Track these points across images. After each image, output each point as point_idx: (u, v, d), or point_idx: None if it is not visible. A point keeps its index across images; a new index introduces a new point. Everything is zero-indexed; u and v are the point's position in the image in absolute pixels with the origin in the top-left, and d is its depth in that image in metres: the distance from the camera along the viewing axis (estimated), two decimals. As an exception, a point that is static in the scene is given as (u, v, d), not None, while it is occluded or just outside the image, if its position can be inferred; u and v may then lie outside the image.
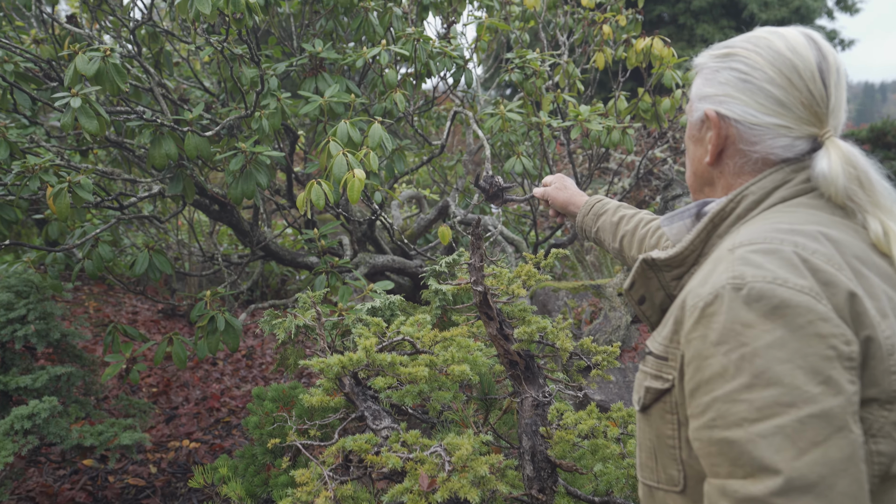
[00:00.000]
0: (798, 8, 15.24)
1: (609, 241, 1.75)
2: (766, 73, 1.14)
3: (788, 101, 1.13)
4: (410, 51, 3.54)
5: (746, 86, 1.15)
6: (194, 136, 3.11)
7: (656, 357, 1.14)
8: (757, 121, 1.14)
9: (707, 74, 1.22)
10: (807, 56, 1.14)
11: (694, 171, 1.29)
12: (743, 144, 1.17)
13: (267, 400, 2.78)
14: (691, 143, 1.28)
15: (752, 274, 0.98)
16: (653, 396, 1.14)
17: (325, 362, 1.61)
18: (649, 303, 1.24)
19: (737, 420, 0.93)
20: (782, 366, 0.92)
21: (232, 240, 6.81)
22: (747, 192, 1.14)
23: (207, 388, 5.15)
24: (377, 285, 3.06)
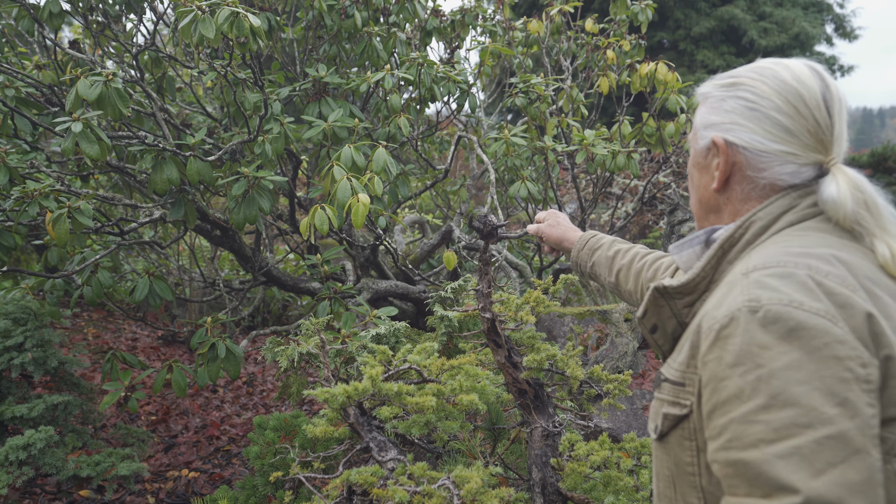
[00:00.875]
0: (797, 34, 15.33)
1: (605, 275, 1.73)
2: (773, 101, 1.16)
3: (795, 128, 1.15)
4: (415, 75, 3.52)
5: (754, 114, 1.17)
6: (196, 161, 3.08)
7: (673, 383, 1.15)
8: (765, 147, 1.16)
9: (712, 103, 1.24)
10: (811, 86, 1.16)
11: (699, 198, 1.29)
12: (750, 171, 1.18)
13: (269, 429, 2.71)
14: (696, 171, 1.28)
15: (769, 297, 0.99)
16: (671, 423, 1.14)
17: (330, 392, 1.56)
18: (661, 331, 1.24)
19: (753, 441, 0.93)
20: (799, 387, 0.92)
21: (233, 265, 6.77)
22: (755, 217, 1.16)
23: (207, 415, 5.08)
24: (381, 311, 3.01)
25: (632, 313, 3.87)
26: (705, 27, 15.27)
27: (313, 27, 4.27)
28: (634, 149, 3.97)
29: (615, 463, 1.71)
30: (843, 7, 17.40)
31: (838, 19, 17.39)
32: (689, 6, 15.70)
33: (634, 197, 6.58)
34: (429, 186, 4.22)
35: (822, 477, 0.88)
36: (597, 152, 3.78)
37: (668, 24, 15.63)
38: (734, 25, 15.31)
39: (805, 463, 0.89)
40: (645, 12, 4.84)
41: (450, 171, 4.04)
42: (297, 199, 3.99)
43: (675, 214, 4.21)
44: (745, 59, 15.55)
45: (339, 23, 3.83)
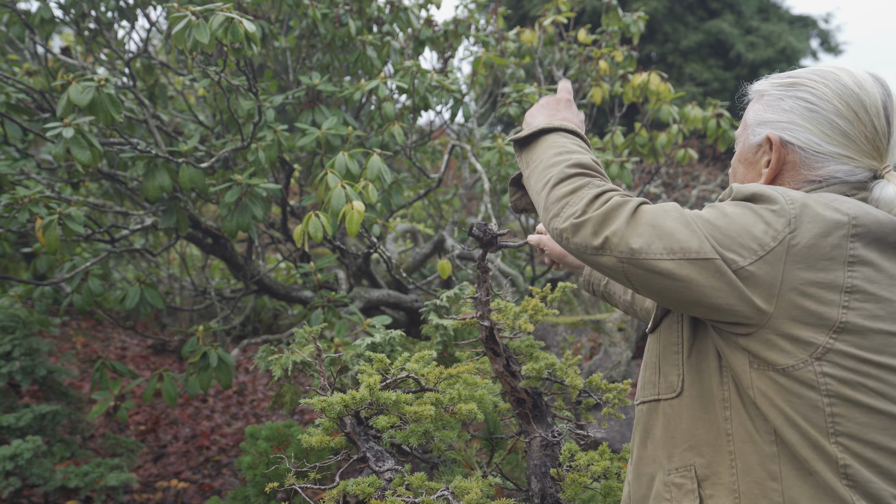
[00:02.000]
0: (784, 49, 15.47)
1: (619, 293, 1.71)
2: (834, 105, 1.18)
3: (854, 133, 1.17)
4: (409, 84, 3.52)
5: (813, 115, 1.20)
6: (189, 168, 3.06)
7: None
8: (821, 149, 1.19)
9: (769, 101, 1.26)
10: (873, 93, 1.19)
11: None
12: (804, 169, 1.21)
13: (261, 439, 2.68)
14: (742, 166, 1.31)
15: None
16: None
17: (327, 401, 1.53)
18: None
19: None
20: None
21: (224, 274, 6.73)
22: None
23: (197, 425, 5.02)
24: (375, 320, 2.99)
25: (625, 322, 3.86)
26: (693, 41, 15.40)
27: (306, 36, 4.26)
28: (627, 158, 3.98)
29: (615, 473, 1.69)
30: (828, 22, 17.60)
31: (823, 34, 17.58)
32: (678, 20, 15.83)
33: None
34: (422, 195, 4.21)
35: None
36: (590, 162, 3.77)
37: (656, 38, 15.74)
38: (722, 39, 15.44)
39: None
40: (637, 24, 4.86)
41: (443, 180, 4.03)
42: (290, 207, 3.97)
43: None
44: (733, 73, 15.70)
45: (333, 31, 3.82)
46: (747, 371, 1.11)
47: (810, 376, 1.06)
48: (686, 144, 4.43)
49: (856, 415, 1.06)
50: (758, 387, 1.10)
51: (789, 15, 16.91)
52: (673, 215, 1.09)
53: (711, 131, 4.18)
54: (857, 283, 1.07)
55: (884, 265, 1.09)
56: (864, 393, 1.07)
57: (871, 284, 1.08)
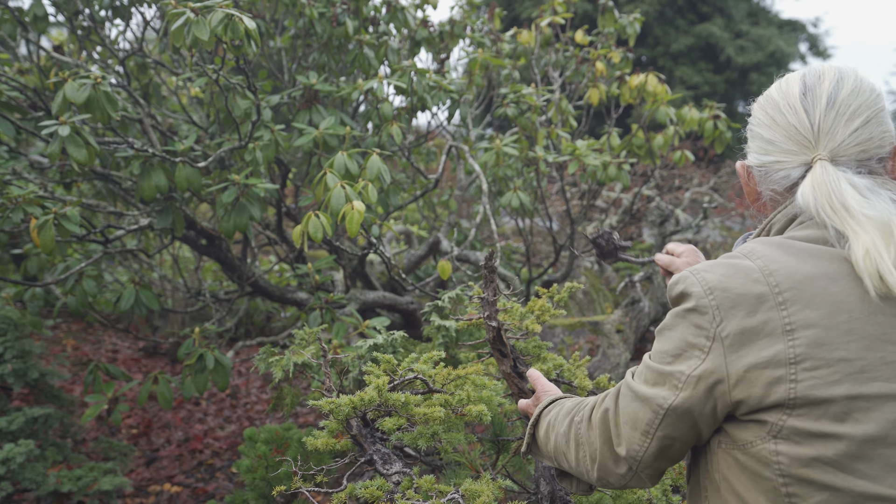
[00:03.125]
0: (773, 52, 15.56)
1: None
2: (758, 117, 1.26)
3: (773, 137, 1.21)
4: (407, 83, 3.49)
5: (750, 134, 1.28)
6: (186, 168, 3.02)
7: None
8: (759, 162, 1.24)
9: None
10: (790, 91, 1.21)
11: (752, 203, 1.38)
12: (762, 186, 1.26)
13: (260, 442, 2.65)
14: (745, 188, 1.38)
15: (693, 267, 1.17)
16: None
17: (335, 402, 1.50)
18: None
19: (637, 375, 1.22)
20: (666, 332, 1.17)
21: (216, 276, 6.67)
22: (775, 219, 1.23)
23: (190, 429, 4.97)
24: (375, 321, 2.96)
25: (623, 324, 3.85)
26: (684, 44, 15.46)
27: (302, 35, 4.23)
28: (625, 160, 3.97)
29: (625, 475, 1.67)
30: (817, 27, 17.73)
31: (812, 38, 17.70)
32: (668, 23, 15.90)
33: (618, 210, 6.60)
34: (418, 196, 4.18)
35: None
36: (589, 163, 3.76)
37: (647, 41, 15.80)
38: (712, 43, 15.51)
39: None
40: (633, 25, 4.86)
41: (439, 181, 4.01)
42: (287, 208, 3.93)
43: (665, 226, 4.21)
44: (723, 77, 15.78)
45: (331, 30, 3.79)
46: (715, 451, 1.13)
47: (765, 454, 1.04)
48: (679, 147, 4.43)
49: (813, 494, 1.01)
50: (721, 469, 1.11)
51: (778, 19, 17.02)
52: (622, 406, 1.19)
53: (709, 133, 4.18)
54: (802, 352, 1.01)
55: (833, 320, 1.02)
56: (821, 470, 1.00)
57: (818, 349, 1.01)
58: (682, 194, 7.58)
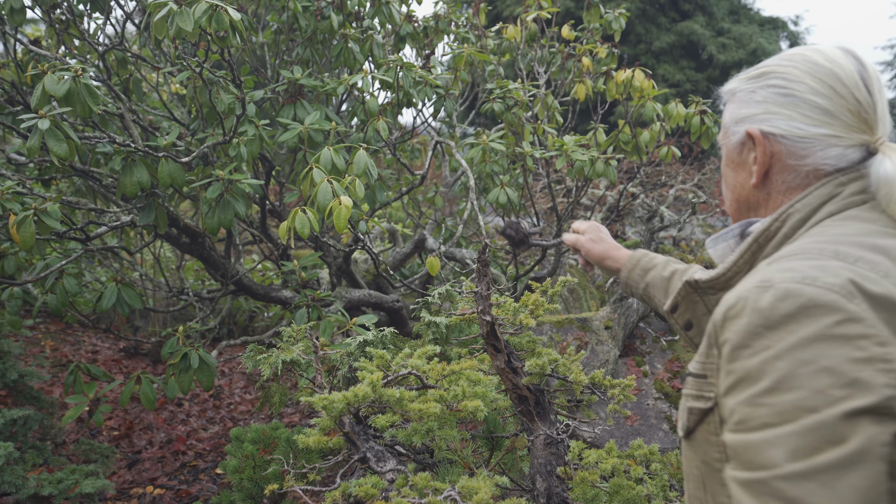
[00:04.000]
0: (755, 50, 15.66)
1: (660, 297, 1.62)
2: (808, 84, 1.11)
3: (835, 109, 1.09)
4: (393, 78, 3.45)
5: (789, 100, 1.12)
6: (169, 163, 2.96)
7: (695, 376, 1.08)
8: (804, 133, 1.10)
9: (742, 97, 1.19)
10: (846, 65, 1.11)
11: (737, 197, 1.23)
12: (792, 160, 1.12)
13: (247, 442, 2.60)
14: (730, 170, 1.23)
15: (781, 276, 0.93)
16: (696, 418, 1.08)
17: (329, 399, 1.46)
18: (697, 329, 1.20)
19: (758, 425, 0.88)
20: (804, 368, 0.86)
21: (198, 275, 6.59)
22: (792, 209, 1.09)
23: (172, 430, 4.89)
24: (363, 318, 2.92)
25: (612, 321, 3.83)
26: (666, 42, 15.52)
27: (285, 30, 4.17)
28: (613, 155, 3.95)
29: (623, 471, 1.64)
30: (797, 24, 17.88)
31: (793, 36, 17.84)
32: (650, 21, 15.95)
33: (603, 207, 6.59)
34: (404, 192, 4.14)
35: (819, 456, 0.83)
36: (577, 158, 3.74)
37: (629, 39, 15.84)
38: (694, 41, 15.59)
39: (804, 442, 0.84)
40: (618, 20, 4.84)
41: (426, 177, 3.97)
42: (272, 205, 3.88)
43: (652, 222, 4.20)
44: (704, 74, 15.85)
45: (315, 25, 3.74)
46: None
47: None
48: (665, 143, 4.42)
49: None
50: None
51: (760, 17, 17.14)
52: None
53: (695, 128, 4.17)
54: None
55: None
56: None
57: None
58: (666, 191, 7.59)
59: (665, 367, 3.79)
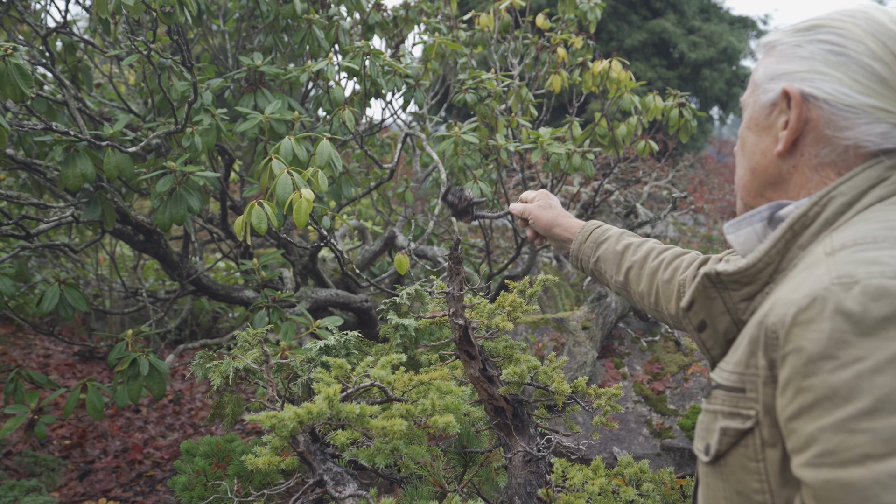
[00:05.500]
0: (725, 48, 15.69)
1: (611, 273, 1.47)
2: (867, 45, 0.94)
3: (893, 79, 0.92)
4: (360, 65, 3.25)
5: (840, 59, 0.95)
6: (115, 153, 2.74)
7: (728, 390, 0.91)
8: (851, 101, 0.93)
9: (784, 50, 1.01)
10: None
11: (753, 167, 1.05)
12: (830, 129, 0.95)
13: (198, 456, 2.39)
14: (752, 134, 1.05)
15: (867, 270, 0.77)
16: (731, 440, 0.90)
17: (278, 417, 1.27)
18: (711, 331, 1.01)
19: (856, 456, 0.71)
20: None
21: (159, 275, 6.33)
22: (836, 192, 0.93)
23: (129, 438, 4.64)
24: (326, 321, 2.72)
25: (589, 321, 3.68)
26: (637, 39, 15.48)
27: (246, 17, 3.96)
28: (589, 149, 3.80)
29: (612, 492, 1.47)
30: (767, 23, 17.97)
31: (762, 35, 17.92)
32: (622, 19, 15.91)
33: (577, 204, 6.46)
34: (373, 188, 3.95)
35: None
36: (553, 151, 3.58)
37: (601, 36, 15.78)
38: (665, 38, 15.57)
39: None
40: (594, 11, 4.69)
41: (395, 171, 3.78)
42: (232, 201, 3.66)
43: (629, 218, 4.06)
44: (676, 72, 15.85)
45: (277, 9, 3.53)
46: None
47: None
48: (642, 137, 4.29)
49: None
50: None
51: (730, 16, 17.19)
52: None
53: (674, 121, 4.03)
54: None
55: None
56: None
57: None
58: (640, 188, 7.48)
59: (644, 368, 3.64)
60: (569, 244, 1.55)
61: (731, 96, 16.56)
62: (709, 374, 0.97)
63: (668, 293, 1.35)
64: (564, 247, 1.57)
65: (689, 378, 3.55)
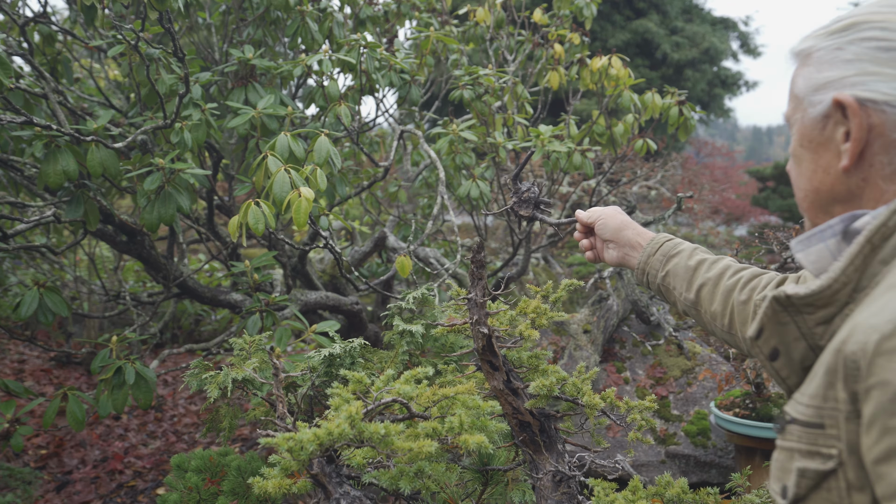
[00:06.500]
0: (707, 49, 15.73)
1: (681, 289, 1.35)
2: None
3: None
4: (356, 59, 3.12)
5: (891, 55, 0.86)
6: (100, 149, 2.58)
7: (805, 425, 0.80)
8: None
9: (822, 57, 0.92)
10: None
11: (817, 186, 0.95)
12: None
13: (190, 471, 2.24)
14: (807, 152, 0.96)
15: None
16: (810, 483, 0.79)
17: (296, 439, 1.14)
18: (785, 359, 0.89)
19: None
20: None
21: (139, 277, 6.14)
22: None
23: (108, 447, 4.47)
24: (322, 325, 2.59)
25: (590, 324, 3.57)
26: (621, 40, 15.46)
27: (235, 9, 3.80)
28: (589, 147, 3.70)
29: (652, 515, 1.36)
30: (748, 25, 18.05)
31: (743, 36, 18.01)
32: (605, 19, 15.88)
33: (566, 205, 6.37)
34: (366, 187, 3.82)
35: None
36: (553, 150, 3.47)
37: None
38: (648, 39, 15.57)
39: None
40: (590, 7, 4.60)
41: (389, 169, 3.65)
42: (221, 200, 3.51)
43: (632, 216, 3.96)
44: (659, 73, 15.86)
45: (268, 0, 3.39)
46: None
47: None
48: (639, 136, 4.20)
49: None
50: None
51: (711, 16, 17.26)
52: None
53: (673, 119, 3.94)
54: None
55: None
56: None
57: None
58: (629, 188, 7.40)
59: (647, 372, 3.55)
60: (636, 252, 1.42)
61: (713, 97, 16.62)
62: (784, 407, 0.86)
63: (744, 315, 1.23)
64: (630, 256, 1.44)
65: (692, 383, 3.46)
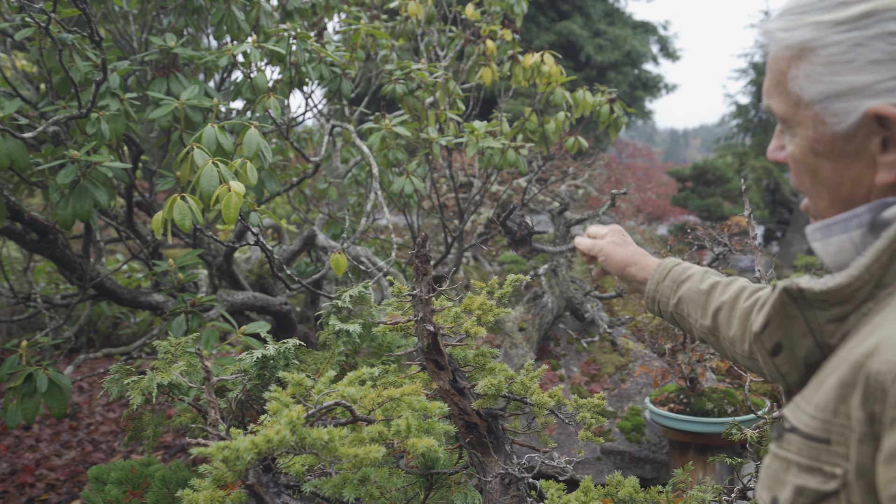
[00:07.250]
0: (629, 52, 16.10)
1: (696, 316, 1.23)
2: None
3: None
4: (286, 50, 3.01)
5: None
6: (6, 140, 2.40)
7: (808, 438, 0.74)
8: None
9: (838, 56, 0.81)
10: None
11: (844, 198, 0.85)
12: None
13: (110, 483, 2.10)
14: (828, 162, 0.85)
15: None
16: (808, 502, 0.73)
17: (231, 447, 1.06)
18: (787, 354, 0.83)
19: None
20: None
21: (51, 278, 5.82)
22: None
23: (18, 458, 4.20)
24: (252, 326, 2.47)
25: (525, 322, 3.56)
26: (546, 41, 15.65)
27: (153, -3, 3.62)
28: (522, 144, 3.68)
29: (606, 515, 1.33)
30: (667, 29, 18.58)
31: (663, 40, 18.53)
32: (530, 20, 16.07)
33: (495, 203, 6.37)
34: (296, 183, 3.70)
35: None
36: (488, 145, 3.44)
37: (510, 36, 15.88)
38: (572, 41, 15.82)
39: None
40: (520, 4, 4.60)
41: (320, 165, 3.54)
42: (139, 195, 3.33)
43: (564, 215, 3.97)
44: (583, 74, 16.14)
45: (190, -13, 3.24)
46: None
47: None
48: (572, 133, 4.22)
49: None
50: None
51: (632, 20, 17.68)
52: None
53: (604, 117, 3.97)
54: None
55: None
56: None
57: None
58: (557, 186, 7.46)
59: (581, 370, 3.56)
60: (644, 286, 1.33)
61: (635, 99, 17.01)
62: (782, 411, 0.80)
63: None
64: (639, 288, 1.35)
65: (626, 379, 3.49)
